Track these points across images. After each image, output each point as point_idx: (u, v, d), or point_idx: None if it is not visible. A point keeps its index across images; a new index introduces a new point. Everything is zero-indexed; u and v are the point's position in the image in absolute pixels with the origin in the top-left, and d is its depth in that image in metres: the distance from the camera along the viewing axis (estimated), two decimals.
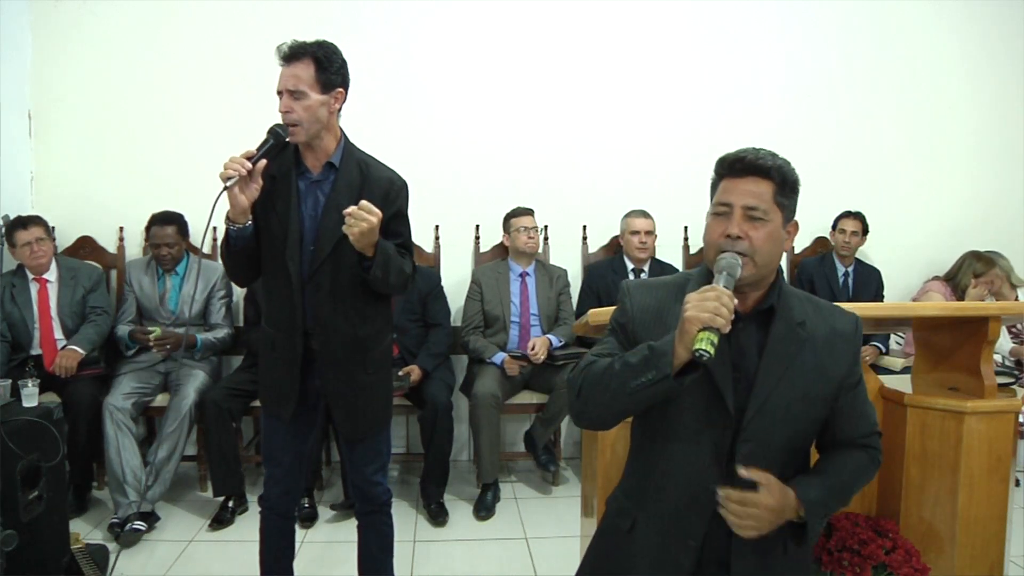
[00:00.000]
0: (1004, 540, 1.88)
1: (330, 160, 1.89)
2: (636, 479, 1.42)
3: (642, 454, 1.41)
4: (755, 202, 1.27)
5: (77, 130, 3.63)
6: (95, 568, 2.33)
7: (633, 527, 1.38)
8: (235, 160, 1.75)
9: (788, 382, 1.28)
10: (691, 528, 1.31)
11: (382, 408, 2.04)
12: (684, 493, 1.32)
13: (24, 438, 2.06)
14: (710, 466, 1.30)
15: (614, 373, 1.25)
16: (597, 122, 3.79)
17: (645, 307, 1.36)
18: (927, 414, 1.90)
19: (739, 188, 1.29)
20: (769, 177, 1.29)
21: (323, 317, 1.88)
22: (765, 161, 1.29)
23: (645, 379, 1.20)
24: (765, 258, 1.27)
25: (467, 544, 2.86)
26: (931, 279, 3.83)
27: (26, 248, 3.13)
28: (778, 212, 1.30)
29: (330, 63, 1.83)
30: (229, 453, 3.02)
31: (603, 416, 1.32)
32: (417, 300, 3.36)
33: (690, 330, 1.15)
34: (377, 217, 1.74)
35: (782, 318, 1.31)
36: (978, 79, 3.98)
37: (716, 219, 1.31)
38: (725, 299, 1.16)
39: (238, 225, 1.80)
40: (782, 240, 1.32)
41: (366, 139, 2.10)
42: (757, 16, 3.86)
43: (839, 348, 1.33)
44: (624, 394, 1.23)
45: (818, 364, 1.30)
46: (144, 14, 3.60)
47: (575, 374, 1.35)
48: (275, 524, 2.07)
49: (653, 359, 1.20)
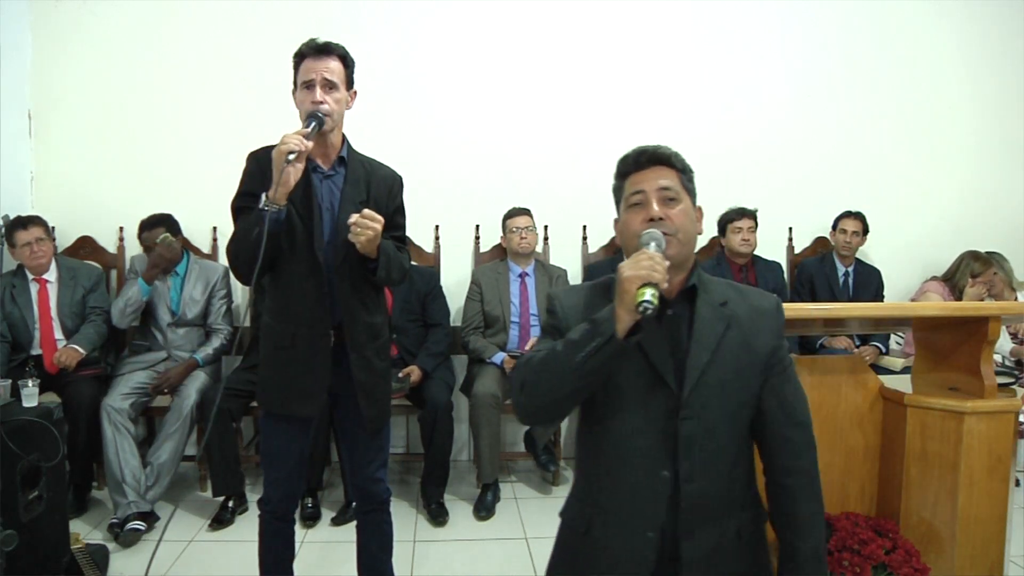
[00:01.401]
0: (1004, 540, 1.88)
1: (340, 155, 1.93)
2: (586, 481, 1.42)
3: (589, 455, 1.40)
4: (668, 183, 1.34)
5: (77, 130, 3.63)
6: (95, 568, 2.34)
7: (589, 528, 1.37)
8: (295, 134, 1.73)
9: (720, 357, 1.31)
10: (648, 519, 1.31)
11: (389, 396, 2.09)
12: (636, 484, 1.32)
13: (24, 438, 2.06)
14: (659, 454, 1.30)
15: (557, 354, 1.26)
16: (597, 122, 3.79)
17: (574, 307, 1.39)
18: (927, 414, 1.90)
19: (648, 176, 1.35)
20: (672, 165, 1.37)
21: (350, 307, 1.91)
22: (665, 151, 1.37)
23: (591, 347, 1.21)
24: (687, 236, 1.33)
25: (467, 544, 2.86)
26: (929, 279, 3.82)
27: (26, 248, 3.13)
28: (687, 195, 1.36)
29: (351, 64, 1.91)
30: (229, 453, 3.02)
31: (550, 403, 1.31)
32: (416, 300, 3.36)
33: (629, 288, 1.18)
34: (380, 223, 1.79)
35: (705, 298, 1.35)
36: (978, 79, 3.98)
37: (633, 210, 1.35)
38: (658, 258, 1.21)
39: (276, 207, 1.74)
40: (696, 221, 1.38)
41: (366, 139, 2.10)
42: (757, 16, 3.86)
43: (762, 324, 1.36)
44: (570, 371, 1.24)
45: (744, 340, 1.33)
46: (144, 14, 3.60)
47: (516, 370, 1.36)
48: (275, 527, 2.05)
49: (595, 328, 1.23)
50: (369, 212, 1.78)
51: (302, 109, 1.85)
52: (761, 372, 1.34)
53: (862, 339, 3.68)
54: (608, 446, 1.35)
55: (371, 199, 1.92)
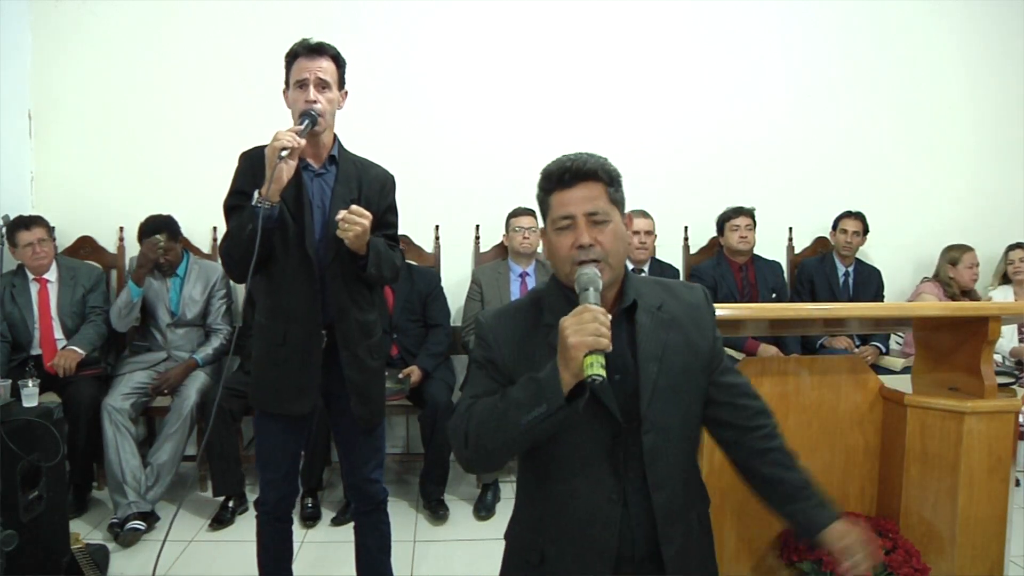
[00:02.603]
0: (1004, 540, 1.88)
1: (331, 153, 1.93)
2: (535, 509, 1.39)
3: (535, 483, 1.39)
4: (594, 207, 1.28)
5: (77, 130, 3.63)
6: (95, 568, 2.34)
7: (543, 560, 1.36)
8: (287, 132, 1.74)
9: (667, 363, 1.31)
10: (602, 546, 1.30)
11: (383, 395, 2.09)
12: (587, 512, 1.31)
13: (24, 438, 2.06)
14: (608, 478, 1.30)
15: (501, 413, 1.23)
16: (597, 122, 3.79)
17: (506, 339, 1.34)
18: (927, 414, 1.90)
19: (574, 197, 1.29)
20: (598, 179, 1.30)
21: (341, 305, 1.91)
22: (590, 165, 1.30)
23: (538, 413, 1.19)
24: (617, 258, 1.31)
25: (467, 544, 2.86)
26: (923, 281, 3.84)
27: (28, 249, 3.13)
28: (615, 209, 1.32)
29: (342, 64, 1.92)
30: (229, 453, 3.02)
31: (496, 459, 1.30)
32: (417, 300, 3.36)
33: (576, 356, 1.14)
34: (368, 219, 1.79)
35: (642, 308, 1.34)
36: (978, 79, 3.98)
37: (560, 233, 1.30)
38: (602, 318, 1.16)
39: (269, 203, 1.74)
40: (625, 235, 1.35)
41: (366, 139, 2.11)
42: (757, 16, 3.86)
43: (698, 319, 1.38)
44: (518, 432, 1.21)
45: (686, 339, 1.34)
46: (144, 14, 3.60)
47: (455, 421, 1.32)
48: (273, 527, 2.05)
49: (542, 392, 1.19)
50: (357, 208, 1.78)
51: (295, 108, 1.86)
52: (706, 369, 1.36)
53: (862, 339, 3.68)
54: (554, 475, 1.34)
55: (362, 197, 1.92)
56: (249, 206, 1.76)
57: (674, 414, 1.31)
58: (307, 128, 1.79)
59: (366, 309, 1.98)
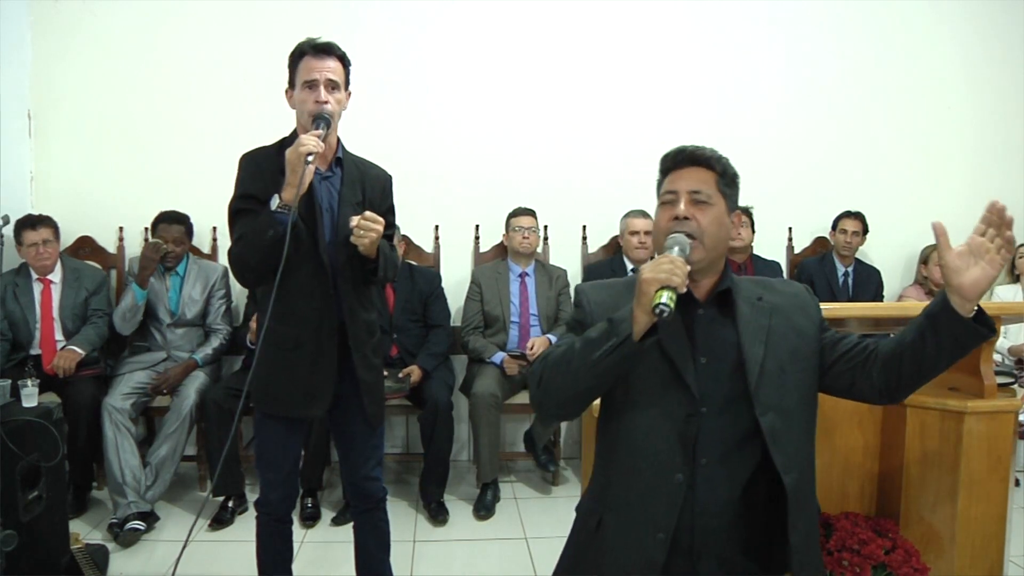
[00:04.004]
0: (1004, 540, 1.88)
1: (337, 156, 1.93)
2: (602, 478, 1.42)
3: (606, 452, 1.41)
4: (699, 186, 1.34)
5: (77, 130, 3.63)
6: (95, 568, 2.34)
7: (600, 524, 1.38)
8: (311, 135, 1.73)
9: (773, 346, 1.32)
10: (660, 520, 1.30)
11: (384, 393, 2.11)
12: (649, 486, 1.32)
13: (24, 438, 2.06)
14: (677, 457, 1.30)
15: (575, 352, 1.27)
16: (597, 122, 3.79)
17: (601, 303, 1.40)
18: (927, 414, 1.90)
19: (683, 176, 1.36)
20: (710, 167, 1.36)
21: (351, 307, 1.92)
22: (705, 152, 1.37)
23: (607, 346, 1.22)
24: (713, 240, 1.32)
25: (467, 544, 2.86)
26: (908, 286, 3.87)
27: (32, 248, 3.13)
28: (722, 199, 1.36)
29: (348, 64, 1.91)
30: (229, 453, 3.01)
31: (565, 400, 1.32)
32: (418, 301, 3.36)
33: (647, 291, 1.18)
34: (382, 225, 1.81)
35: (741, 297, 1.36)
36: (977, 79, 3.98)
37: (663, 207, 1.37)
38: (679, 263, 1.21)
39: (289, 208, 1.72)
40: (728, 227, 1.37)
41: (366, 139, 2.11)
42: (757, 16, 3.86)
43: (801, 304, 1.39)
44: (586, 368, 1.25)
45: (791, 324, 1.36)
46: (144, 14, 3.60)
47: (534, 366, 1.37)
48: (274, 528, 2.05)
49: (613, 328, 1.23)
50: (371, 215, 1.79)
51: (303, 109, 1.85)
52: (816, 349, 1.36)
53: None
54: (623, 445, 1.36)
55: (366, 199, 1.94)
56: (267, 211, 1.74)
57: (788, 396, 1.31)
58: (325, 131, 1.79)
59: (370, 309, 2.01)
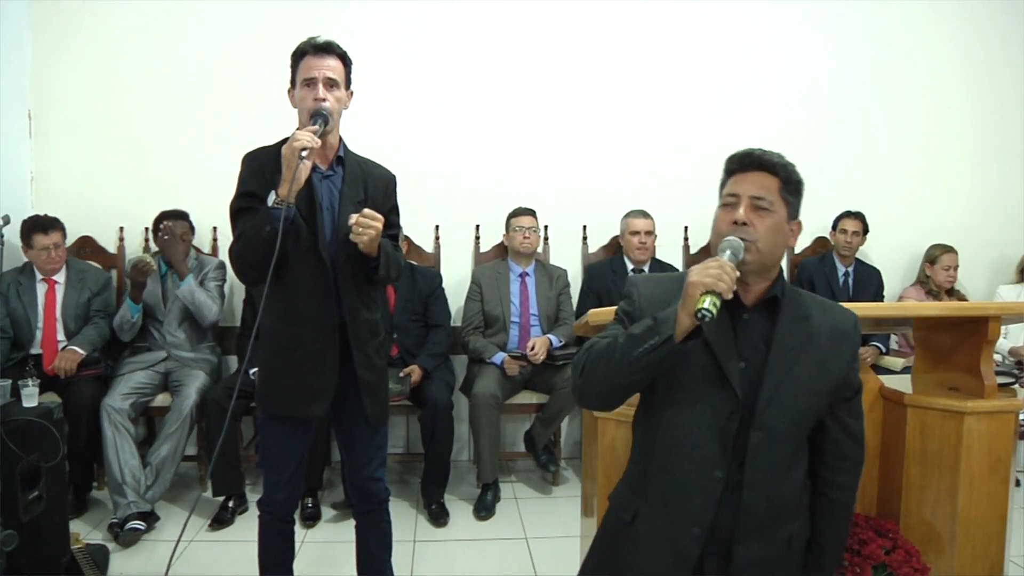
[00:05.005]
0: (1004, 540, 1.88)
1: (338, 155, 1.93)
2: (639, 471, 1.42)
3: (644, 445, 1.41)
4: (761, 192, 1.33)
5: (77, 130, 3.63)
6: (95, 568, 2.34)
7: (635, 517, 1.38)
8: (306, 131, 1.74)
9: (795, 375, 1.31)
10: (696, 516, 1.31)
11: (388, 394, 2.11)
12: (687, 480, 1.33)
13: (24, 438, 2.06)
14: (717, 455, 1.31)
15: (618, 346, 1.28)
16: (597, 122, 3.79)
17: (651, 297, 1.39)
18: (927, 414, 1.90)
19: (747, 180, 1.35)
20: (775, 172, 1.35)
21: (352, 306, 1.92)
22: (771, 157, 1.36)
23: (648, 345, 1.23)
24: (768, 246, 1.31)
25: (467, 544, 2.86)
26: (909, 286, 3.86)
27: (44, 252, 3.12)
28: (783, 206, 1.35)
29: (349, 63, 1.92)
30: (230, 453, 3.02)
31: (605, 391, 1.33)
32: (419, 300, 3.36)
33: (693, 294, 1.18)
34: (381, 222, 1.80)
35: (788, 311, 1.34)
36: (977, 79, 3.98)
37: (724, 210, 1.36)
38: (728, 268, 1.21)
39: (287, 204, 1.73)
40: (786, 234, 1.37)
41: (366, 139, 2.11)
42: (756, 16, 3.86)
43: (841, 345, 1.36)
44: (626, 364, 1.25)
45: (822, 359, 1.34)
46: (144, 14, 3.59)
47: (579, 355, 1.37)
48: (276, 528, 2.05)
49: (656, 326, 1.24)
50: (369, 212, 1.79)
51: (303, 107, 1.85)
52: (831, 393, 1.36)
53: (862, 339, 3.68)
54: (662, 439, 1.36)
55: (368, 198, 1.93)
56: (265, 208, 1.75)
57: (786, 423, 1.32)
58: (321, 128, 1.79)
59: (372, 309, 2.00)
